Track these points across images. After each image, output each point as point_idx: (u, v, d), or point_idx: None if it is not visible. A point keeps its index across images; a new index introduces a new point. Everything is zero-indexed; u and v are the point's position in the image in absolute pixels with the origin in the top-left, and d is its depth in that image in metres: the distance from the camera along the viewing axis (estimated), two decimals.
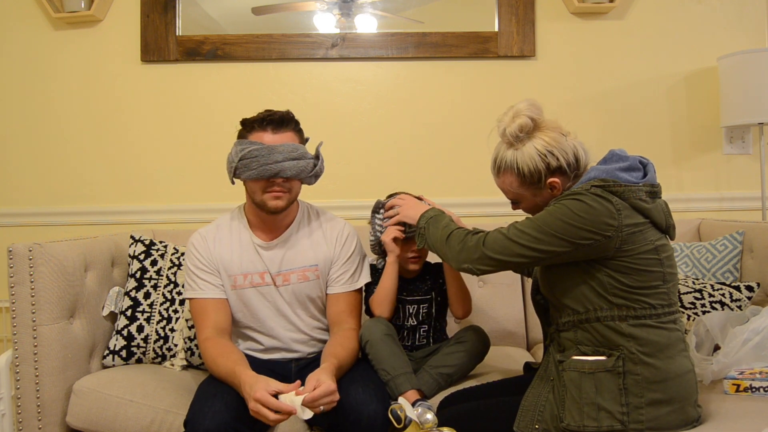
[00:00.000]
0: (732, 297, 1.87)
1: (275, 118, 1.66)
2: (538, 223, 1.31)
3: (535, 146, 1.37)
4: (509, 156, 1.40)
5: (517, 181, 1.41)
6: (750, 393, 1.52)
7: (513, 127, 1.38)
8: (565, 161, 1.37)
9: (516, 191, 1.43)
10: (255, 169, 1.60)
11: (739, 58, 2.32)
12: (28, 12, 2.49)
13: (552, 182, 1.38)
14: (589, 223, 1.26)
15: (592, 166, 1.38)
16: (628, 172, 1.34)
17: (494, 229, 1.38)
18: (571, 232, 1.27)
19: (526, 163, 1.38)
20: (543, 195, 1.41)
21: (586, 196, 1.28)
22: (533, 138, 1.38)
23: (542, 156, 1.36)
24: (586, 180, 1.34)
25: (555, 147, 1.37)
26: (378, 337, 1.66)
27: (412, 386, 1.61)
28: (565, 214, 1.28)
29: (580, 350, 1.34)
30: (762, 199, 2.41)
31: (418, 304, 1.86)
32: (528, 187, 1.41)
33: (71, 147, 2.51)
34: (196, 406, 1.46)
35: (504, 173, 1.43)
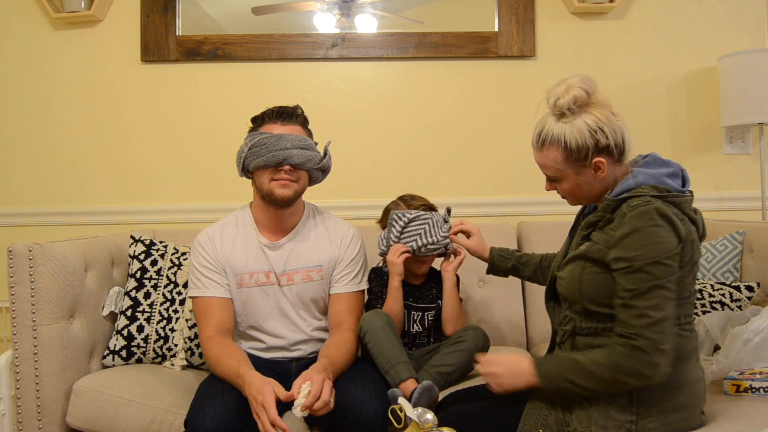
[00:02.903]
0: (732, 297, 1.87)
1: (284, 111, 1.72)
2: (641, 266, 1.20)
3: (585, 121, 1.30)
4: (557, 129, 1.32)
5: (562, 156, 1.32)
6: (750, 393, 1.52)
7: (567, 98, 1.30)
8: (613, 141, 1.30)
9: (559, 167, 1.34)
10: (263, 156, 1.63)
11: (739, 58, 2.32)
12: (28, 12, 2.49)
13: (598, 161, 1.31)
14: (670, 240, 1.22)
15: (636, 169, 1.32)
16: (672, 178, 1.31)
17: (627, 321, 1.21)
18: (666, 249, 1.21)
19: (575, 137, 1.30)
20: (586, 175, 1.33)
21: (655, 207, 1.23)
22: (585, 112, 1.31)
23: (592, 132, 1.29)
24: (635, 184, 1.29)
25: (606, 124, 1.30)
26: (378, 326, 1.68)
27: (411, 374, 1.62)
28: (649, 239, 1.21)
29: None
30: (762, 199, 2.41)
31: (424, 312, 1.87)
32: (572, 163, 1.32)
33: (71, 147, 2.51)
34: (196, 406, 1.46)
35: (549, 147, 1.33)
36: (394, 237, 1.81)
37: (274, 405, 1.37)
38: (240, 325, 1.75)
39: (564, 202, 1.45)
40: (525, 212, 2.50)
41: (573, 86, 1.32)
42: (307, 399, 1.38)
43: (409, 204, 1.88)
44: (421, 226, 1.80)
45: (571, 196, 1.40)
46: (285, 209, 1.72)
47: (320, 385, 1.40)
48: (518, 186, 2.52)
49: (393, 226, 1.82)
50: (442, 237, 1.81)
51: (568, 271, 1.36)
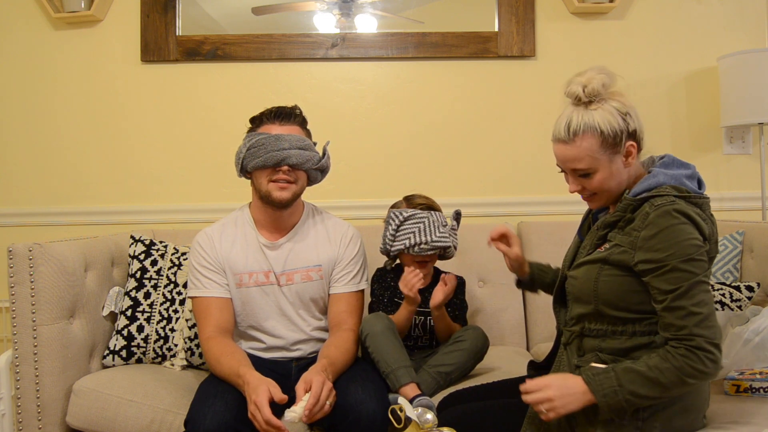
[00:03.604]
0: (732, 297, 1.87)
1: (283, 111, 1.72)
2: (675, 265, 1.19)
3: (613, 105, 1.29)
4: (588, 116, 1.29)
5: (598, 143, 1.28)
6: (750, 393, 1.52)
7: (595, 83, 1.28)
8: (638, 126, 1.31)
9: (594, 156, 1.29)
10: (261, 157, 1.63)
11: (739, 58, 2.32)
12: (28, 12, 2.49)
13: (630, 146, 1.29)
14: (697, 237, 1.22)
15: (655, 169, 1.31)
16: (691, 180, 1.30)
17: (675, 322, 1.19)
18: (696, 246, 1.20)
19: (608, 121, 1.28)
20: (617, 163, 1.31)
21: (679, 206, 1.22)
22: (610, 98, 1.31)
23: (622, 115, 1.29)
24: (655, 184, 1.28)
25: (630, 108, 1.31)
26: (379, 329, 1.67)
27: (412, 379, 1.61)
28: (678, 237, 1.20)
29: (599, 357, 1.30)
30: (762, 199, 2.41)
31: (426, 316, 1.85)
32: (606, 150, 1.29)
33: (71, 147, 2.51)
34: (196, 406, 1.46)
35: (583, 137, 1.29)
36: (390, 235, 1.80)
37: (267, 404, 1.36)
38: (240, 325, 1.75)
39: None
40: (525, 212, 2.50)
41: (596, 75, 1.31)
42: (308, 402, 1.37)
43: (411, 203, 1.87)
44: (416, 225, 1.79)
45: (602, 191, 1.33)
46: (284, 210, 1.72)
47: (320, 386, 1.40)
48: (518, 186, 2.52)
49: (389, 224, 1.82)
50: (438, 238, 1.78)
51: (582, 272, 1.34)
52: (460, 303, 1.92)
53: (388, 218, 1.83)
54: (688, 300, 1.18)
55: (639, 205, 1.27)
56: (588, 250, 1.37)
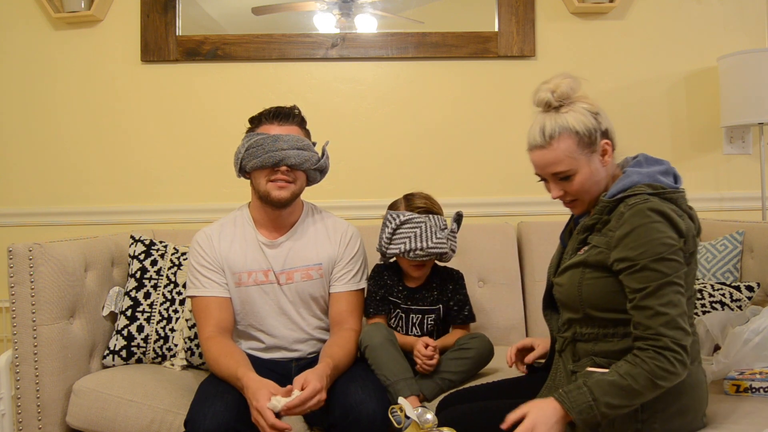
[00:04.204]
0: (732, 297, 1.87)
1: (281, 111, 1.72)
2: (646, 264, 1.20)
3: (582, 106, 1.33)
4: (561, 119, 1.32)
5: (575, 143, 1.31)
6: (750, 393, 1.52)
7: (563, 87, 1.32)
8: (609, 126, 1.34)
9: (573, 157, 1.31)
10: (260, 157, 1.63)
11: (739, 58, 2.32)
12: (28, 12, 2.49)
13: (605, 144, 1.32)
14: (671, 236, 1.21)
15: (629, 169, 1.32)
16: (665, 176, 1.31)
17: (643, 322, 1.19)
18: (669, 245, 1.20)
19: (581, 121, 1.31)
20: (595, 163, 1.33)
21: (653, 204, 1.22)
22: (577, 102, 1.34)
23: (594, 115, 1.32)
24: (630, 184, 1.28)
25: (599, 109, 1.34)
26: (378, 342, 1.65)
27: (412, 392, 1.60)
28: (650, 236, 1.20)
29: (594, 362, 1.31)
30: (762, 199, 2.41)
31: (423, 314, 1.84)
32: (584, 149, 1.31)
33: (71, 147, 2.51)
34: (196, 406, 1.46)
35: (560, 139, 1.31)
36: (386, 238, 1.78)
37: (268, 409, 1.36)
38: (239, 324, 1.75)
39: None
40: (525, 212, 2.50)
41: (563, 80, 1.34)
42: (291, 401, 1.38)
43: (410, 203, 1.83)
44: (412, 230, 1.76)
45: (583, 193, 1.34)
46: (283, 209, 1.72)
47: (311, 394, 1.39)
48: (518, 186, 2.52)
49: (386, 226, 1.80)
50: (434, 244, 1.74)
51: (566, 278, 1.35)
52: (463, 298, 1.90)
53: (385, 220, 1.82)
54: (656, 300, 1.18)
55: (615, 206, 1.28)
56: (570, 255, 1.38)
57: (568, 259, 1.38)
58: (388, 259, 1.85)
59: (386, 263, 1.89)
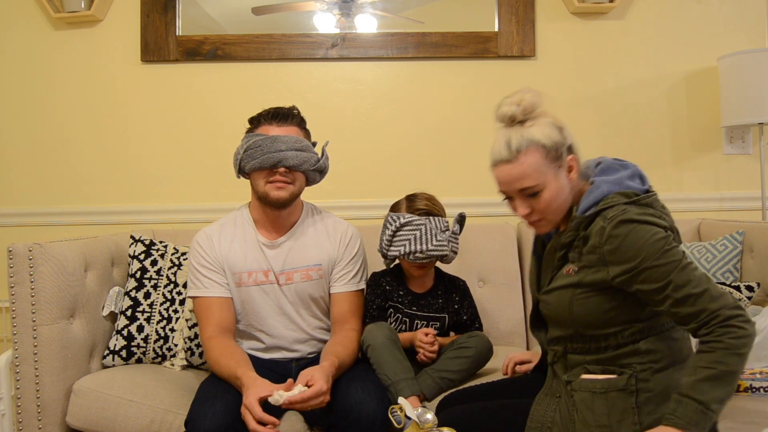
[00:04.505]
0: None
1: (280, 112, 1.71)
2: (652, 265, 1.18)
3: (546, 121, 1.30)
4: (527, 132, 1.29)
5: (542, 157, 1.28)
6: (750, 393, 1.52)
7: (528, 100, 1.30)
8: (573, 142, 1.32)
9: (540, 171, 1.28)
10: (258, 158, 1.63)
11: (739, 58, 2.32)
12: (28, 12, 2.49)
13: (571, 159, 1.30)
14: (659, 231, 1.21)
15: (596, 179, 1.30)
16: (633, 179, 1.30)
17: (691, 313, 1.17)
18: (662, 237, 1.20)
19: (547, 134, 1.28)
20: (562, 178, 1.30)
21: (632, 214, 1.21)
22: (541, 116, 1.31)
23: (558, 129, 1.30)
24: (601, 195, 1.26)
25: (563, 125, 1.31)
26: (380, 341, 1.65)
27: (413, 392, 1.60)
28: (642, 239, 1.19)
29: (587, 369, 1.31)
30: (762, 199, 2.41)
31: (428, 321, 1.84)
32: (551, 163, 1.28)
33: (71, 147, 2.51)
34: (196, 406, 1.46)
35: (526, 153, 1.28)
36: (386, 239, 1.78)
37: (256, 404, 1.36)
38: (240, 324, 1.75)
39: None
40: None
41: (526, 94, 1.31)
42: (294, 396, 1.38)
43: (411, 204, 1.82)
44: (412, 232, 1.75)
45: (550, 211, 1.31)
46: (282, 210, 1.72)
47: (316, 393, 1.39)
48: None
49: (386, 228, 1.79)
50: (435, 247, 1.73)
51: (554, 297, 1.33)
52: (474, 311, 1.91)
53: (385, 221, 1.81)
54: (687, 286, 1.16)
55: (591, 221, 1.25)
56: (551, 273, 1.35)
57: (549, 278, 1.35)
58: (389, 261, 1.86)
59: (385, 269, 1.89)
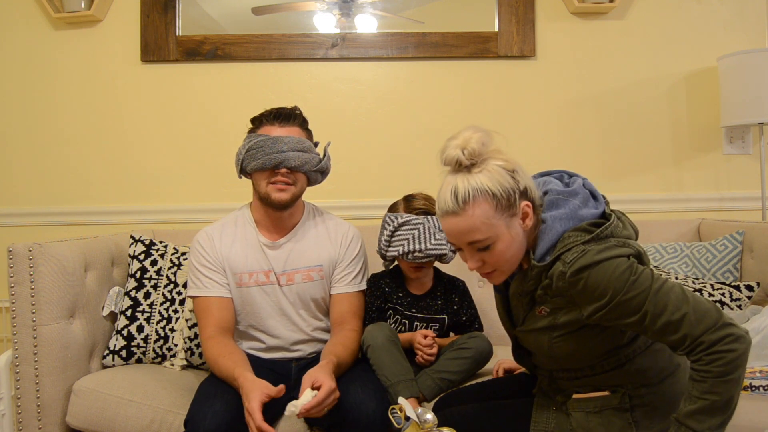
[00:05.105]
0: (732, 297, 1.87)
1: (282, 112, 1.71)
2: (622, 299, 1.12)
3: (498, 164, 1.19)
4: (475, 180, 1.18)
5: (492, 208, 1.18)
6: (750, 392, 1.52)
7: (473, 143, 1.19)
8: (528, 183, 1.22)
9: (490, 223, 1.18)
10: (260, 159, 1.63)
11: (739, 58, 2.32)
12: (28, 12, 2.49)
13: (525, 206, 1.20)
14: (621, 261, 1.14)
15: (547, 217, 1.20)
16: (585, 206, 1.21)
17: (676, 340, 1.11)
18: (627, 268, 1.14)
19: (497, 181, 1.18)
20: (515, 227, 1.21)
21: (592, 256, 1.13)
22: (491, 159, 1.21)
23: (510, 173, 1.19)
24: (555, 237, 1.18)
25: (516, 165, 1.21)
26: (380, 342, 1.65)
27: (412, 394, 1.60)
28: (606, 275, 1.13)
29: (578, 390, 1.30)
30: (762, 199, 2.41)
31: (428, 323, 1.84)
32: (502, 214, 1.19)
33: (71, 147, 2.51)
34: (196, 406, 1.46)
35: (475, 204, 1.18)
36: (384, 240, 1.78)
37: (258, 410, 1.36)
38: (240, 325, 1.75)
39: None
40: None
41: (473, 135, 1.22)
42: (309, 402, 1.38)
43: (409, 204, 1.82)
44: (410, 232, 1.75)
45: (504, 262, 1.23)
46: (283, 211, 1.72)
47: (328, 393, 1.40)
48: None
49: (384, 228, 1.79)
50: (433, 246, 1.73)
51: (532, 338, 1.28)
52: (474, 312, 1.90)
53: (383, 222, 1.81)
54: (664, 314, 1.10)
55: (551, 266, 1.18)
56: (523, 313, 1.30)
57: (521, 317, 1.31)
58: (388, 262, 1.85)
59: (384, 271, 1.89)
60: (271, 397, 1.39)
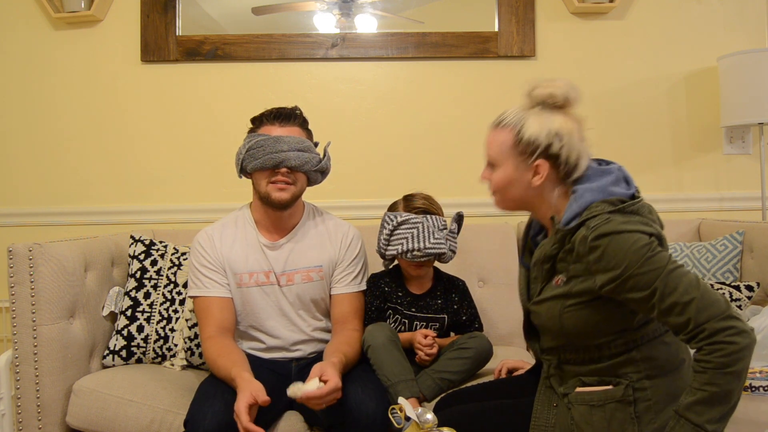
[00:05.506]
0: (732, 297, 1.87)
1: (283, 112, 1.71)
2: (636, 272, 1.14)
3: (548, 120, 1.26)
4: (519, 114, 1.29)
5: (511, 142, 1.28)
6: (750, 392, 1.52)
7: (544, 90, 1.27)
8: (565, 155, 1.26)
9: (503, 152, 1.29)
10: (260, 158, 1.63)
11: (739, 58, 2.32)
12: (28, 12, 2.49)
13: (539, 165, 1.27)
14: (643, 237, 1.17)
15: (578, 187, 1.26)
16: (617, 185, 1.26)
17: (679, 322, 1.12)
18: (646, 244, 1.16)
19: (532, 126, 1.26)
20: (522, 176, 1.29)
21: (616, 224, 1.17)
22: (554, 114, 1.27)
23: (549, 133, 1.25)
24: (584, 205, 1.23)
25: (566, 135, 1.25)
26: (380, 342, 1.65)
27: (412, 394, 1.60)
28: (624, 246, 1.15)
29: (583, 381, 1.30)
30: (762, 199, 2.41)
31: (428, 323, 1.84)
32: (517, 156, 1.28)
33: (71, 147, 2.51)
34: (196, 406, 1.46)
35: (502, 128, 1.30)
36: (383, 239, 1.78)
37: (245, 412, 1.36)
38: (240, 325, 1.75)
39: None
40: (524, 212, 2.48)
41: (557, 85, 1.27)
42: (312, 391, 1.38)
43: (409, 203, 1.82)
44: (409, 231, 1.75)
45: (499, 192, 1.34)
46: (283, 211, 1.72)
47: (332, 390, 1.40)
48: None
49: (384, 227, 1.79)
50: (432, 245, 1.73)
51: (545, 309, 1.31)
52: (474, 311, 1.90)
53: (383, 221, 1.81)
54: (673, 294, 1.12)
55: (575, 231, 1.22)
56: (541, 283, 1.33)
57: (538, 289, 1.33)
58: (388, 262, 1.85)
59: (384, 270, 1.89)
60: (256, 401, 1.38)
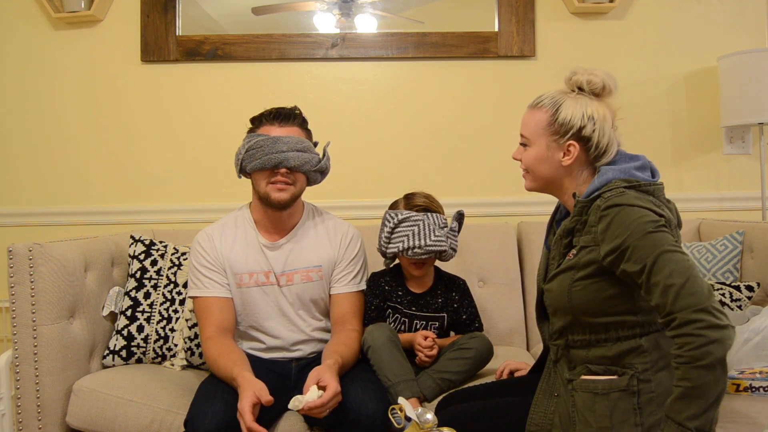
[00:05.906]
0: (732, 297, 1.87)
1: (282, 112, 1.71)
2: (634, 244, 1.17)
3: (584, 104, 1.33)
4: (557, 96, 1.36)
5: (547, 122, 1.35)
6: (750, 393, 1.52)
7: (583, 76, 1.34)
8: (596, 139, 1.32)
9: (538, 131, 1.37)
10: (259, 159, 1.63)
11: (739, 58, 2.32)
12: (28, 12, 2.49)
13: (571, 145, 1.33)
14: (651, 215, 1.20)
15: (603, 167, 1.32)
16: (642, 171, 1.32)
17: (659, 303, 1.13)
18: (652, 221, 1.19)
19: (568, 109, 1.33)
20: (553, 154, 1.36)
21: (629, 198, 1.22)
22: (590, 99, 1.34)
23: (584, 116, 1.32)
24: (604, 181, 1.29)
25: (599, 121, 1.32)
26: (380, 342, 1.65)
27: (413, 394, 1.60)
28: (629, 218, 1.20)
29: (589, 369, 1.30)
30: (762, 199, 2.41)
31: (428, 321, 1.84)
32: (551, 134, 1.35)
33: (71, 147, 2.51)
34: (196, 406, 1.46)
35: (540, 108, 1.38)
36: (385, 237, 1.78)
37: (249, 410, 1.36)
38: (240, 325, 1.75)
39: None
40: (525, 212, 2.50)
41: (596, 73, 1.34)
42: (313, 401, 1.38)
43: (409, 201, 1.82)
44: (410, 228, 1.75)
45: (531, 170, 1.41)
46: (283, 211, 1.72)
47: (332, 395, 1.40)
48: (518, 186, 2.48)
49: (384, 225, 1.80)
50: (433, 242, 1.73)
51: (556, 284, 1.34)
52: (474, 311, 1.90)
53: (384, 219, 1.81)
54: (659, 274, 1.13)
55: (592, 204, 1.28)
56: (558, 260, 1.36)
57: (555, 265, 1.36)
58: (388, 261, 1.85)
59: (384, 269, 1.89)
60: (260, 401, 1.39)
